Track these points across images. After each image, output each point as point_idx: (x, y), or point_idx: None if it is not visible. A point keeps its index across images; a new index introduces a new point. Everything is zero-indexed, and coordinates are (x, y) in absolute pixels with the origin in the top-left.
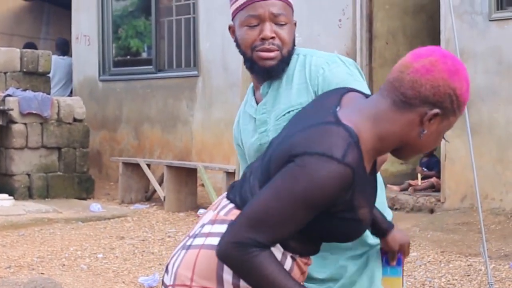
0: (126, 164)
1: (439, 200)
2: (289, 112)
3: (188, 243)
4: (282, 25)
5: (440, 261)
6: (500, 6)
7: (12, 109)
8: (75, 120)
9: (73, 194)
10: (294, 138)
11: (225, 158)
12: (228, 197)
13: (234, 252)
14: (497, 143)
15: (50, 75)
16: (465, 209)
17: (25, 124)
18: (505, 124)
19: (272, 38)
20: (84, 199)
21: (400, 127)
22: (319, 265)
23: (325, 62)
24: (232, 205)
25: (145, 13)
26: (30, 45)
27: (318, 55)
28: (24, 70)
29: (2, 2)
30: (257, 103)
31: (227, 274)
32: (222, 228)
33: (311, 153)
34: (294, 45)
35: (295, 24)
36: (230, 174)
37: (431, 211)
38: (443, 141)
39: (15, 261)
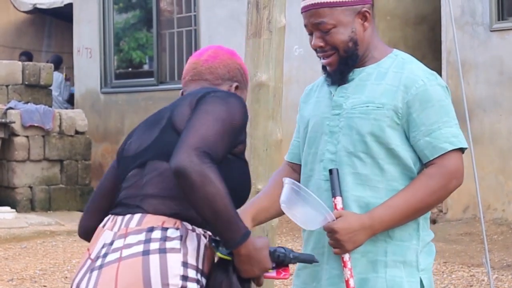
0: None
1: (441, 211)
2: (367, 106)
3: (98, 264)
4: (328, 30)
5: (443, 272)
6: (501, 16)
7: (14, 122)
8: (77, 132)
9: (75, 207)
10: (193, 93)
11: None
12: (122, 214)
13: (195, 159)
14: (499, 154)
15: None
16: (467, 220)
17: (27, 136)
18: (507, 134)
19: (321, 47)
20: None
21: None
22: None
23: (426, 76)
24: (138, 214)
25: (147, 25)
26: (26, 54)
27: (418, 65)
28: (26, 83)
29: (3, 15)
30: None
31: (155, 276)
32: (140, 237)
33: (215, 90)
34: (356, 39)
35: (360, 12)
36: None
37: (434, 221)
38: None
39: (18, 273)
